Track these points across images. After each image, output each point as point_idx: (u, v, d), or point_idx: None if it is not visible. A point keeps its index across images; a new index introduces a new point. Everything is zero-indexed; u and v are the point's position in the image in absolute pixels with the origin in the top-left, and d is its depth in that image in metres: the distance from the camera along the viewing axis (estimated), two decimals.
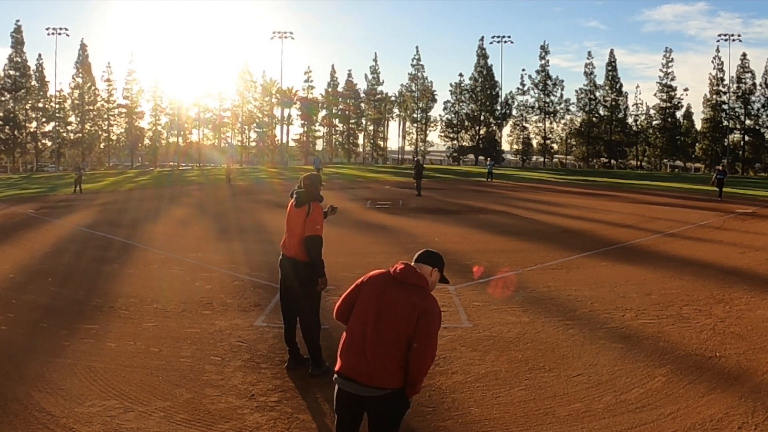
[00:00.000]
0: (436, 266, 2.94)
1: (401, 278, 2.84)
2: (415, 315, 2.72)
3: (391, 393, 2.75)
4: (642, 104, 66.33)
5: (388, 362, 2.73)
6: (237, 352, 5.40)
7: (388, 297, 2.80)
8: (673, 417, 4.11)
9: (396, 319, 2.75)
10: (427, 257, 2.96)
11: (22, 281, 8.20)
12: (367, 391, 2.75)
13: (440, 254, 3.02)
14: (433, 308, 2.77)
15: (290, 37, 64.51)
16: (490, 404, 4.35)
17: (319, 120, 70.98)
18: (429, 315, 2.74)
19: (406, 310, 2.74)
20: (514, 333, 5.97)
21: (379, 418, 2.81)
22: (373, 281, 2.91)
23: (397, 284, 2.83)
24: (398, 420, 2.88)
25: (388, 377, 2.74)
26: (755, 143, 61.57)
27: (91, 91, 62.60)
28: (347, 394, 2.81)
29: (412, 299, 2.76)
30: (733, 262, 9.86)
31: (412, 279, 2.83)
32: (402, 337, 2.73)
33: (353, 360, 2.78)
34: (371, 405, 2.79)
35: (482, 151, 68.97)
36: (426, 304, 2.76)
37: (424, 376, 2.81)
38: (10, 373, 4.79)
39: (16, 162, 59.44)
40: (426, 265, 2.92)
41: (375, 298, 2.83)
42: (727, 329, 6.10)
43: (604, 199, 23.42)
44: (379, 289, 2.84)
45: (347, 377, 2.78)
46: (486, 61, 68.55)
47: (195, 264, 9.45)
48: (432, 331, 2.74)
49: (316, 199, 4.92)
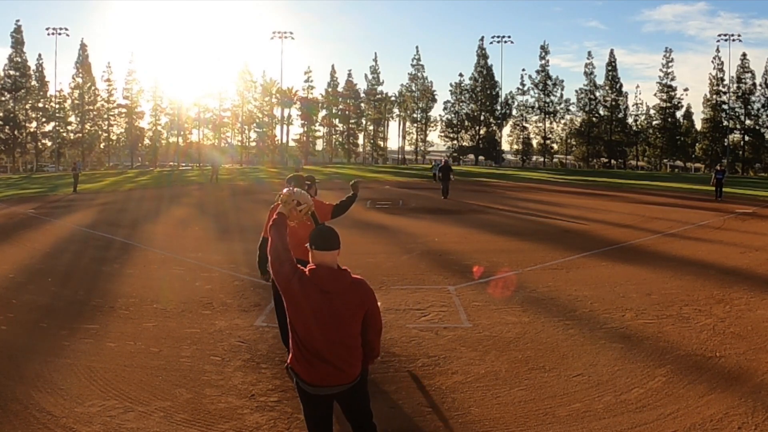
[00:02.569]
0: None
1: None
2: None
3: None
4: (642, 104, 66.52)
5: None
6: (237, 352, 5.40)
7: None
8: (673, 417, 4.11)
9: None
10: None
11: (22, 281, 8.19)
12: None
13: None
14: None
15: (290, 37, 64.63)
16: (490, 404, 4.35)
17: (319, 120, 71.05)
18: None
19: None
20: (514, 333, 5.97)
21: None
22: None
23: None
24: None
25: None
26: (755, 143, 61.60)
27: (91, 91, 62.62)
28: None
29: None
30: (733, 262, 9.86)
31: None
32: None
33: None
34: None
35: (482, 151, 69.06)
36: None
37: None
38: (10, 373, 4.79)
39: (16, 162, 59.44)
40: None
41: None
42: (727, 329, 6.10)
43: (603, 199, 23.43)
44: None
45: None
46: (486, 61, 68.61)
47: (195, 264, 9.45)
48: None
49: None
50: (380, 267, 9.12)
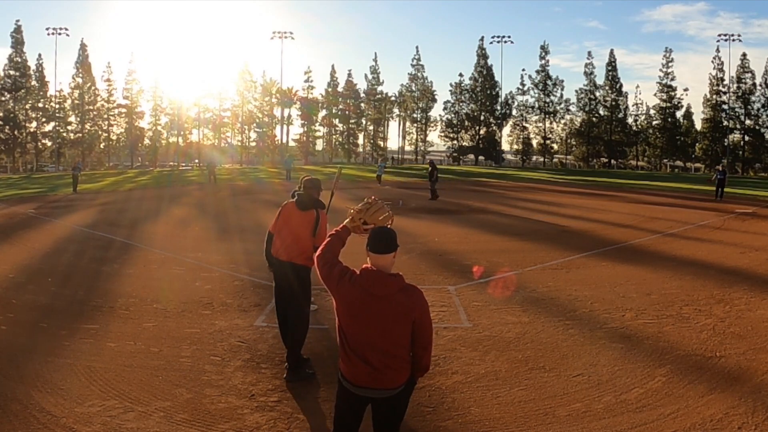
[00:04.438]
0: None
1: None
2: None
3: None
4: (642, 104, 66.46)
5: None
6: (237, 352, 5.40)
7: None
8: (673, 417, 4.11)
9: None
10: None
11: (22, 281, 8.19)
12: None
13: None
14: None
15: (290, 37, 64.58)
16: (490, 404, 4.35)
17: (319, 120, 71.03)
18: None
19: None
20: (514, 333, 5.97)
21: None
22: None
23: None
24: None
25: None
26: (755, 143, 61.56)
27: (91, 91, 62.58)
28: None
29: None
30: (733, 262, 9.86)
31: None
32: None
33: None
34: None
35: (482, 151, 69.04)
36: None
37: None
38: (10, 373, 4.79)
39: (16, 162, 59.42)
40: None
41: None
42: (727, 329, 6.10)
43: (603, 199, 23.42)
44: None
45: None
46: (486, 61, 68.60)
47: (195, 264, 9.44)
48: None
49: (321, 207, 4.92)
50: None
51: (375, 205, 3.12)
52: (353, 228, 3.09)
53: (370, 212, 3.09)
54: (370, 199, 3.17)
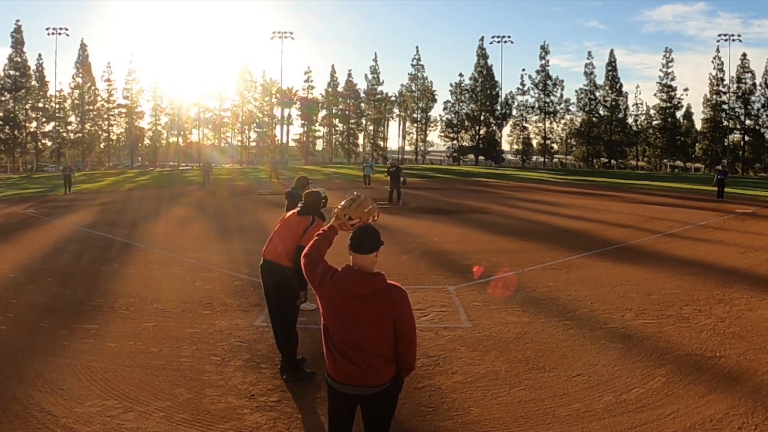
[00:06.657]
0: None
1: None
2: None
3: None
4: (642, 104, 66.56)
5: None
6: (237, 352, 5.40)
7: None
8: (673, 417, 4.11)
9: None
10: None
11: (22, 281, 8.19)
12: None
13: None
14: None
15: (290, 37, 64.58)
16: (490, 404, 4.35)
17: (319, 120, 71.04)
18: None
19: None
20: (514, 333, 5.97)
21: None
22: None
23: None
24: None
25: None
26: (755, 143, 61.61)
27: (91, 91, 62.64)
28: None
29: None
30: (733, 262, 9.85)
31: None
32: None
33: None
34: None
35: (482, 151, 69.05)
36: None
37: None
38: (10, 373, 4.78)
39: (16, 162, 59.45)
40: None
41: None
42: (727, 329, 6.10)
43: (603, 199, 23.42)
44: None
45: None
46: (486, 61, 68.64)
47: (195, 264, 9.44)
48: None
49: (321, 217, 4.94)
50: (380, 267, 8.99)
51: (358, 200, 3.11)
52: (339, 225, 3.07)
53: (353, 207, 3.07)
54: (353, 195, 3.16)
